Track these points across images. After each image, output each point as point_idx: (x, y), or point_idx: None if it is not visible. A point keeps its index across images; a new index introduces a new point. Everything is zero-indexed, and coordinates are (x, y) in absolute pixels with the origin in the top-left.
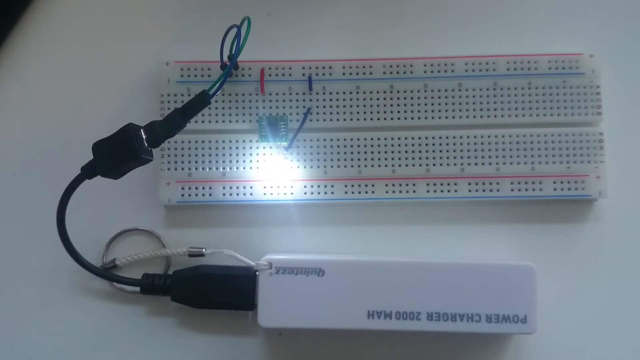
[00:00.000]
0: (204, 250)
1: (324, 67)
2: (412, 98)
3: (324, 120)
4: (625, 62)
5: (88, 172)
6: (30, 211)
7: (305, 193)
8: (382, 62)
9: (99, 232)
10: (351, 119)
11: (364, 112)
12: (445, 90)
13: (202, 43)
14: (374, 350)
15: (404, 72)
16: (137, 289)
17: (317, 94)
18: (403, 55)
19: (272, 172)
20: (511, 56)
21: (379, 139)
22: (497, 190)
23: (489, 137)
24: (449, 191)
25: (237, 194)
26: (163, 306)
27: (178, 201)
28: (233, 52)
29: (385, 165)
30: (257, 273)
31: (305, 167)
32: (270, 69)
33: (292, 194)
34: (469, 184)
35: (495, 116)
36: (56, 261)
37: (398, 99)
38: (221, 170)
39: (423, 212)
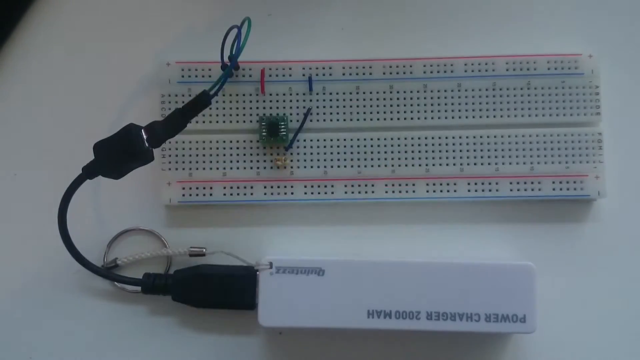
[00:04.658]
0: (204, 250)
1: (324, 68)
2: (411, 98)
3: (324, 120)
4: (624, 63)
5: (89, 172)
6: (32, 211)
7: (305, 193)
8: (382, 62)
9: (100, 232)
10: (351, 119)
11: (364, 113)
12: (445, 91)
13: (202, 43)
14: (374, 350)
15: (404, 73)
16: (138, 288)
17: (317, 94)
18: (403, 55)
19: (272, 172)
20: (510, 56)
21: (379, 139)
22: (497, 190)
23: (488, 137)
24: (448, 191)
25: (238, 194)
26: (164, 306)
27: (179, 201)
28: (233, 53)
29: (385, 165)
30: (257, 273)
31: (305, 167)
32: (270, 69)
33: (292, 194)
34: (468, 184)
35: (494, 116)
36: (57, 261)
37: (398, 99)
38: (222, 170)
39: (423, 212)
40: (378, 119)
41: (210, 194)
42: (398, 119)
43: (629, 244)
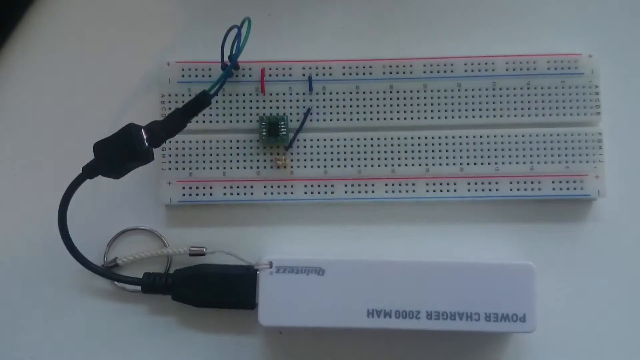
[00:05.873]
0: (204, 249)
1: (324, 68)
2: (411, 98)
3: (324, 120)
4: (624, 62)
5: (89, 171)
6: (32, 211)
7: (305, 193)
8: (382, 62)
9: (100, 232)
10: (351, 119)
11: (364, 112)
12: (445, 91)
13: (202, 43)
14: (374, 349)
15: (404, 73)
16: (139, 288)
17: (317, 94)
18: (403, 55)
19: (272, 172)
20: (510, 56)
21: (379, 139)
22: (496, 190)
23: (488, 137)
24: (448, 191)
25: (238, 194)
26: (164, 305)
27: (179, 201)
28: (233, 53)
29: (385, 165)
30: (257, 272)
31: (305, 166)
32: (270, 69)
33: (292, 193)
34: (468, 183)
35: (494, 116)
36: (58, 261)
37: (398, 99)
38: (222, 170)
39: (423, 212)
40: (378, 119)
41: (210, 194)
42: (398, 118)
43: (629, 244)
